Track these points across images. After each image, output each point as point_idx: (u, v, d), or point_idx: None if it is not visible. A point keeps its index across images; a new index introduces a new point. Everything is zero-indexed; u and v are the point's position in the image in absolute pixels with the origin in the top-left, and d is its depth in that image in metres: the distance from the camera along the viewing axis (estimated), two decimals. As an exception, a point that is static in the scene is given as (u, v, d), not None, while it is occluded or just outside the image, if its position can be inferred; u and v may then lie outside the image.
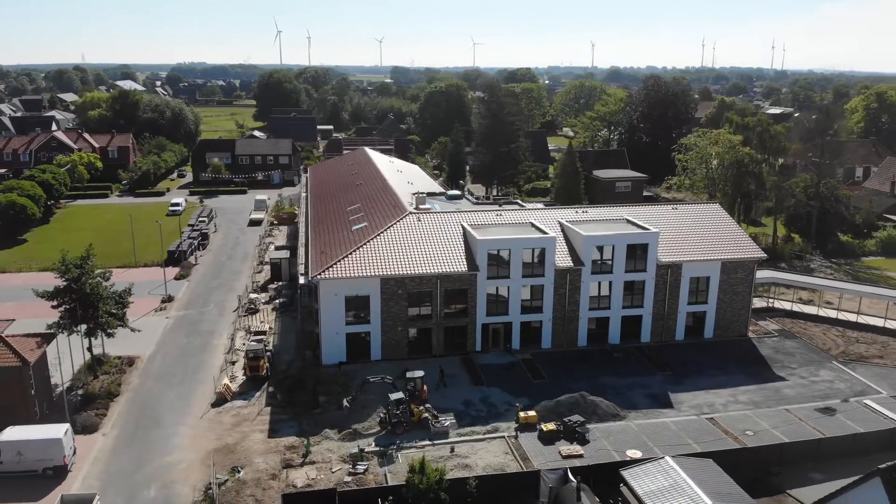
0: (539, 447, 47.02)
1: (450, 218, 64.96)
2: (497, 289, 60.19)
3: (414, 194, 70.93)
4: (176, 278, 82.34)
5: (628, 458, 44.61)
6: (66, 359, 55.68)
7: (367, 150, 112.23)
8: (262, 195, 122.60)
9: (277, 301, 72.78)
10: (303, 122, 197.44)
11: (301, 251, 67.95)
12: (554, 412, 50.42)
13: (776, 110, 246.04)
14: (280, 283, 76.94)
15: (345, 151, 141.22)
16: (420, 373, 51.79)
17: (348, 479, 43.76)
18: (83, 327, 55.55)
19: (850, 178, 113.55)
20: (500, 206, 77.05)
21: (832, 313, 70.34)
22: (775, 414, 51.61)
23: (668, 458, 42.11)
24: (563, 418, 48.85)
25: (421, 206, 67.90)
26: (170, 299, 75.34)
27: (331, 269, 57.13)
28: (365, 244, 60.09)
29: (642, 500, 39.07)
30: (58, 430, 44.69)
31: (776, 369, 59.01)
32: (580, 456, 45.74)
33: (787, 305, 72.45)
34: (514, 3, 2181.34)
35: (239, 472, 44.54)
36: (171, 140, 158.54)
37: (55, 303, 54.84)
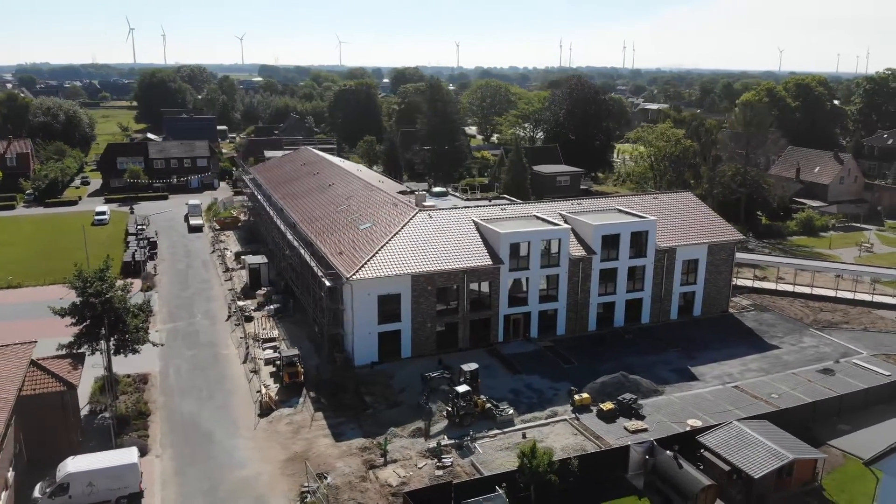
0: (603, 426, 49.63)
1: (458, 213, 66.11)
2: (517, 280, 62.22)
3: (413, 192, 71.31)
4: (142, 290, 77.38)
5: (690, 428, 48.26)
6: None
7: (313, 149, 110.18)
8: (194, 200, 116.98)
9: (272, 307, 70.58)
10: (201, 123, 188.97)
11: (303, 255, 66.32)
12: (602, 392, 53.21)
13: (653, 106, 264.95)
14: (268, 289, 74.49)
15: (268, 154, 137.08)
16: (474, 365, 52.79)
17: (439, 472, 44.17)
18: (104, 345, 51.67)
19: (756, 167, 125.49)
20: (490, 201, 78.95)
21: (788, 287, 78.29)
22: (786, 378, 57.36)
23: (734, 422, 46.10)
24: (617, 397, 51.81)
25: (425, 204, 68.46)
26: (150, 312, 70.87)
27: (363, 269, 56.70)
28: (387, 243, 59.98)
29: (729, 460, 42.65)
30: (130, 454, 41.84)
31: (767, 339, 65.24)
32: (645, 430, 48.84)
33: (747, 283, 79.71)
34: (376, 3, 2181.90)
35: (326, 477, 43.71)
36: (65, 145, 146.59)
37: (74, 320, 50.64)
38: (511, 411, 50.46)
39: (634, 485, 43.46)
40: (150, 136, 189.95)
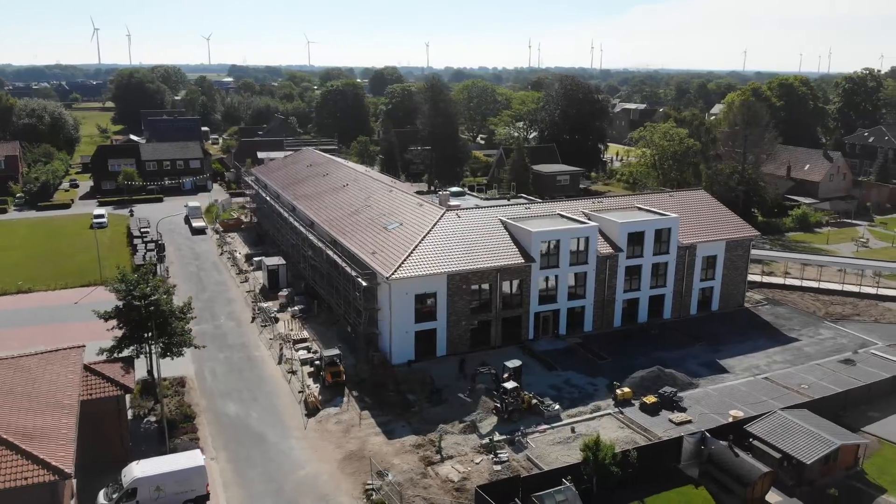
0: (648, 418, 50.83)
1: (485, 213, 66.87)
2: (547, 278, 63.24)
3: (438, 192, 71.85)
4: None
5: (732, 418, 49.70)
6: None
7: (315, 150, 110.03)
8: (194, 202, 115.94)
9: (296, 308, 70.55)
10: (186, 124, 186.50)
11: (332, 256, 66.50)
12: (640, 386, 54.45)
13: (631, 106, 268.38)
14: (289, 290, 74.37)
15: (261, 155, 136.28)
16: (517, 362, 53.58)
17: (497, 468, 44.92)
18: (146, 347, 51.44)
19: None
20: (509, 200, 79.88)
21: (796, 282, 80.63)
22: (812, 369, 59.28)
23: (778, 411, 47.69)
24: (658, 391, 53.11)
25: (451, 204, 69.06)
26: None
27: (401, 269, 57.13)
28: (421, 243, 60.45)
29: (780, 448, 44.15)
30: (196, 457, 41.76)
31: (785, 332, 67.22)
32: (689, 421, 50.18)
33: (756, 278, 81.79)
34: (344, 2, 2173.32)
35: (387, 475, 44.13)
36: (52, 147, 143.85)
37: (115, 323, 50.33)
38: (557, 407, 51.41)
39: (688, 474, 44.72)
40: (132, 137, 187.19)
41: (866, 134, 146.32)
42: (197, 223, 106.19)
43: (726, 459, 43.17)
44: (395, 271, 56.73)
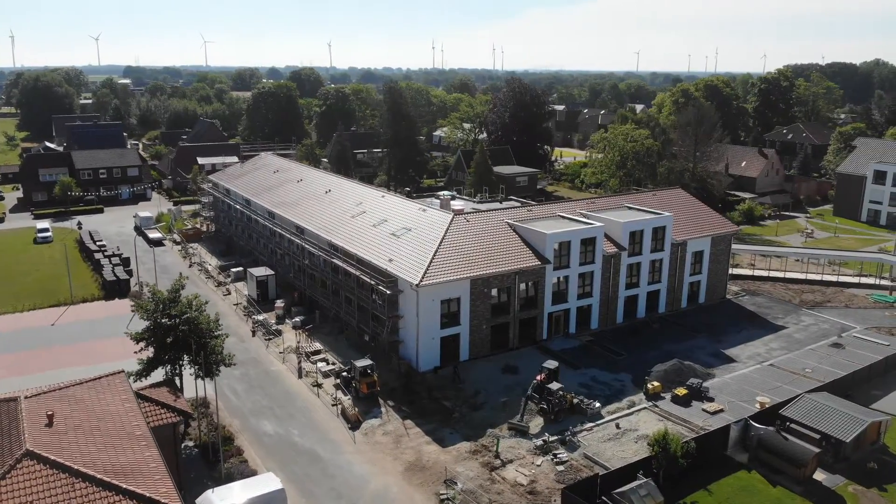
0: (682, 410, 53.06)
1: (491, 216, 67.48)
2: (559, 278, 64.64)
3: (438, 197, 71.78)
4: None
5: (759, 404, 52.70)
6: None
7: (273, 155, 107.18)
8: (145, 212, 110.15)
9: (298, 320, 68.75)
10: (107, 130, 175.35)
11: (338, 264, 65.30)
12: (665, 379, 56.73)
13: (558, 107, 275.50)
14: (285, 301, 72.29)
15: (201, 161, 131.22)
16: (555, 363, 54.59)
17: (560, 468, 45.82)
18: (181, 370, 48.98)
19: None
20: (501, 202, 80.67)
21: (763, 272, 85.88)
22: (808, 353, 63.47)
23: (805, 395, 50.98)
24: (686, 382, 55.52)
25: (454, 208, 69.21)
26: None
27: (427, 275, 56.90)
28: (438, 249, 60.36)
29: (818, 428, 47.26)
30: (273, 481, 40.22)
31: (770, 320, 71.56)
32: (722, 410, 52.78)
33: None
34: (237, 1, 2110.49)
35: (456, 483, 44.08)
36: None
37: (143, 345, 47.69)
38: (598, 404, 52.75)
39: (738, 460, 47.08)
40: (48, 144, 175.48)
41: (785, 131, 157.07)
42: (153, 234, 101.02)
43: (776, 443, 45.82)
44: (423, 278, 56.44)
